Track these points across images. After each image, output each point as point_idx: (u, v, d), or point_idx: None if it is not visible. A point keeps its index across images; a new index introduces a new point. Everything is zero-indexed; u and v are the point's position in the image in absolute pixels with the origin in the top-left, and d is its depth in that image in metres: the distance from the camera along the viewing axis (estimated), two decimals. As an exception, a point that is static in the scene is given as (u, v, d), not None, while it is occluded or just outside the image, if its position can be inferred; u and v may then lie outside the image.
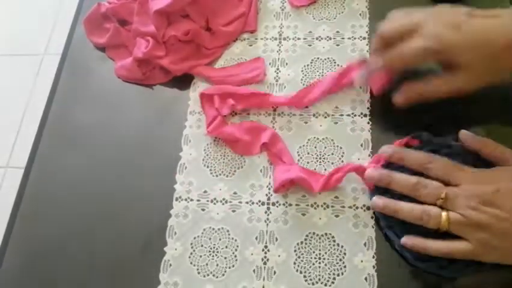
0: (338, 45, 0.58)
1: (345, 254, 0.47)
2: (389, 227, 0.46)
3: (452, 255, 0.43)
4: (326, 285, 0.46)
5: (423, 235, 0.44)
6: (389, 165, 0.48)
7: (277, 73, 0.58)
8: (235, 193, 0.51)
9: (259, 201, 0.51)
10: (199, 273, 0.48)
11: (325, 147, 0.52)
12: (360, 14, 0.60)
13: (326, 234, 0.48)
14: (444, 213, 0.43)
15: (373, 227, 0.48)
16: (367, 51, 0.57)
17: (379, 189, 0.48)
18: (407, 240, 0.44)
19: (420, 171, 0.46)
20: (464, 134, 0.48)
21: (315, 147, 0.53)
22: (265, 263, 0.48)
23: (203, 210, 0.51)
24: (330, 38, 0.59)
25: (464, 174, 0.44)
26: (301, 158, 0.52)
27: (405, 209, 0.45)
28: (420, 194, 0.45)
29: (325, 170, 0.51)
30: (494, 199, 0.42)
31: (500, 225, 0.41)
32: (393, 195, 0.46)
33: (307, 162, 0.52)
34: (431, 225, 0.43)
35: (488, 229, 0.41)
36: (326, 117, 0.54)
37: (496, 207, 0.42)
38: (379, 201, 0.46)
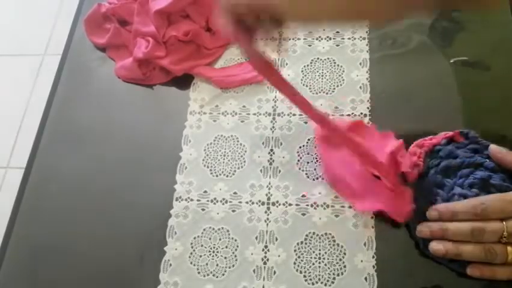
0: (337, 45, 0.58)
1: (345, 254, 0.47)
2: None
3: (497, 278, 0.43)
4: (325, 285, 0.46)
5: None
6: (432, 153, 0.48)
7: (277, 73, 0.58)
8: (235, 193, 0.52)
9: (259, 201, 0.51)
10: (199, 273, 0.48)
11: (325, 147, 0.53)
12: (360, 14, 0.60)
13: (326, 234, 0.48)
14: (510, 248, 0.42)
15: (373, 227, 0.48)
16: (367, 51, 0.57)
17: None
18: (474, 269, 0.44)
19: (477, 219, 0.44)
20: (493, 149, 0.47)
21: (315, 146, 0.53)
22: (265, 263, 0.48)
23: (203, 210, 0.51)
24: (330, 38, 0.59)
25: None
26: (301, 158, 0.52)
27: (468, 251, 0.43)
28: (481, 239, 0.43)
29: (325, 170, 0.51)
30: None
31: None
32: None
33: (307, 163, 0.52)
34: (498, 261, 0.43)
35: None
36: (325, 117, 0.54)
37: None
38: (440, 247, 0.44)
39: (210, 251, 0.49)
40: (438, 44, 0.56)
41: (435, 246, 0.44)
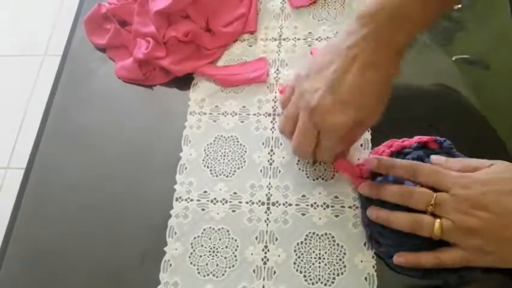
0: (337, 45, 0.58)
1: (345, 253, 0.47)
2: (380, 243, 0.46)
3: (446, 265, 0.43)
4: (325, 285, 0.46)
5: (417, 247, 0.44)
6: (399, 155, 0.49)
7: (277, 73, 0.58)
8: (235, 193, 0.52)
9: (259, 201, 0.51)
10: (199, 273, 0.48)
11: (325, 148, 0.53)
12: (359, 15, 0.60)
13: (325, 234, 0.48)
14: (437, 221, 0.42)
15: (373, 227, 0.48)
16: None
17: (367, 199, 0.48)
18: (400, 257, 0.44)
19: (408, 179, 0.46)
20: (434, 160, 0.47)
21: (315, 147, 0.53)
22: (265, 263, 0.48)
23: (203, 210, 0.51)
24: (330, 39, 0.59)
25: (452, 179, 0.43)
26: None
27: (396, 218, 0.44)
28: (410, 201, 0.44)
29: (325, 170, 0.51)
30: (485, 202, 0.41)
31: (492, 229, 0.41)
32: (385, 205, 0.46)
33: (307, 162, 0.52)
34: (424, 233, 0.43)
35: (481, 234, 0.41)
36: (325, 118, 0.54)
37: (487, 210, 0.41)
38: (374, 212, 0.46)
39: (210, 251, 0.49)
40: (439, 43, 0.56)
41: (371, 211, 0.46)
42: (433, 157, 0.48)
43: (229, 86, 0.58)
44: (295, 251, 0.48)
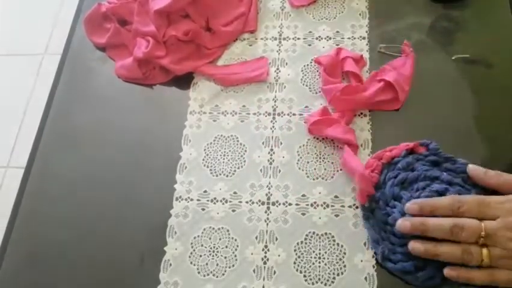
0: (337, 44, 0.58)
1: (345, 253, 0.47)
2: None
3: (497, 285, 0.43)
4: (325, 284, 0.46)
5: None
6: (390, 166, 0.49)
7: (277, 73, 0.58)
8: (235, 193, 0.52)
9: (259, 200, 0.51)
10: (199, 272, 0.48)
11: (325, 147, 0.53)
12: (360, 14, 0.60)
13: (325, 233, 0.48)
14: (485, 250, 0.42)
15: (373, 227, 0.48)
16: (366, 50, 0.57)
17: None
18: (451, 271, 0.44)
19: (455, 216, 0.44)
20: (471, 169, 0.47)
21: (315, 146, 0.53)
22: (265, 263, 0.48)
23: (203, 210, 0.51)
24: (330, 38, 0.59)
25: (499, 206, 0.43)
26: (301, 157, 0.52)
27: (446, 251, 0.43)
28: (460, 237, 0.43)
29: (325, 169, 0.51)
30: None
31: None
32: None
33: (307, 162, 0.52)
34: (474, 263, 0.43)
35: None
36: (325, 117, 0.54)
37: None
38: (420, 246, 0.44)
39: (209, 251, 0.49)
40: (439, 43, 0.56)
41: (415, 245, 0.44)
42: (470, 166, 0.47)
43: (230, 85, 0.58)
44: (295, 250, 0.48)
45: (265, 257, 0.48)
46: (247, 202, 0.51)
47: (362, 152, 0.52)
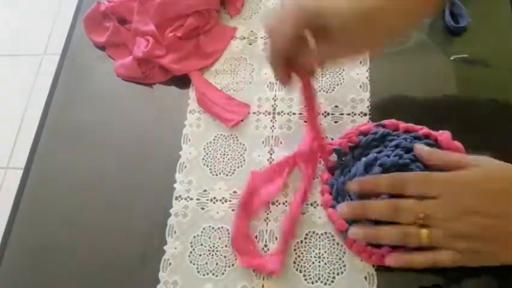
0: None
1: (344, 253, 0.47)
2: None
3: (438, 266, 0.42)
4: (325, 284, 0.46)
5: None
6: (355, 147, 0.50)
7: (277, 72, 0.58)
8: (235, 192, 0.51)
9: (259, 200, 0.51)
10: (198, 272, 0.48)
11: (325, 146, 0.52)
12: None
13: (325, 233, 0.48)
14: (424, 231, 0.42)
15: (373, 226, 0.48)
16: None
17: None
18: (390, 259, 0.44)
19: (396, 194, 0.44)
20: (416, 149, 0.47)
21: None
22: (265, 262, 0.47)
23: (203, 209, 0.51)
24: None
25: (441, 185, 0.43)
26: (301, 157, 0.52)
27: (385, 233, 0.44)
28: (399, 218, 0.43)
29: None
30: (475, 206, 0.41)
31: (483, 232, 0.41)
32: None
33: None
34: (414, 245, 0.43)
35: (471, 237, 0.41)
36: (325, 116, 0.54)
37: (477, 214, 0.41)
38: (359, 231, 0.45)
39: (209, 250, 0.49)
40: (438, 42, 0.56)
41: (354, 231, 0.45)
42: (416, 145, 0.47)
43: (202, 107, 0.57)
44: (294, 250, 0.48)
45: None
46: (247, 201, 0.51)
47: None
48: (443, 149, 0.48)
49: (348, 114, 0.54)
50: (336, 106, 0.54)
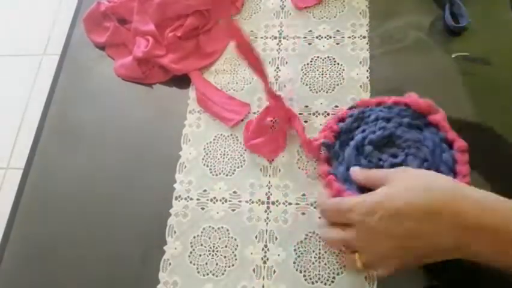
0: (338, 43, 0.58)
1: (344, 253, 0.47)
2: None
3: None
4: (325, 284, 0.46)
5: None
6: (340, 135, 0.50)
7: (277, 72, 0.58)
8: (234, 192, 0.51)
9: (259, 200, 0.50)
10: (198, 272, 0.48)
11: (325, 146, 0.52)
12: (360, 13, 0.60)
13: (326, 233, 0.48)
14: (357, 255, 0.42)
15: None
16: (367, 50, 0.57)
17: None
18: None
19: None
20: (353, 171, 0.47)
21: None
22: (265, 262, 0.47)
23: (203, 209, 0.51)
24: (330, 37, 0.59)
25: (352, 212, 0.42)
26: (301, 156, 0.52)
27: (329, 238, 0.45)
28: (328, 244, 0.47)
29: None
30: (386, 228, 0.40)
31: (403, 251, 0.40)
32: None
33: (307, 162, 0.52)
34: (356, 269, 0.43)
35: (397, 257, 0.41)
36: (325, 116, 0.54)
37: (391, 237, 0.40)
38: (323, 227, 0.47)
39: (209, 250, 0.49)
40: (439, 42, 0.56)
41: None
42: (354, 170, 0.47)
43: (202, 106, 0.57)
44: (295, 250, 0.48)
45: (265, 256, 0.48)
46: (246, 201, 0.51)
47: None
48: (414, 109, 0.49)
49: (348, 114, 0.54)
50: (336, 106, 0.54)
